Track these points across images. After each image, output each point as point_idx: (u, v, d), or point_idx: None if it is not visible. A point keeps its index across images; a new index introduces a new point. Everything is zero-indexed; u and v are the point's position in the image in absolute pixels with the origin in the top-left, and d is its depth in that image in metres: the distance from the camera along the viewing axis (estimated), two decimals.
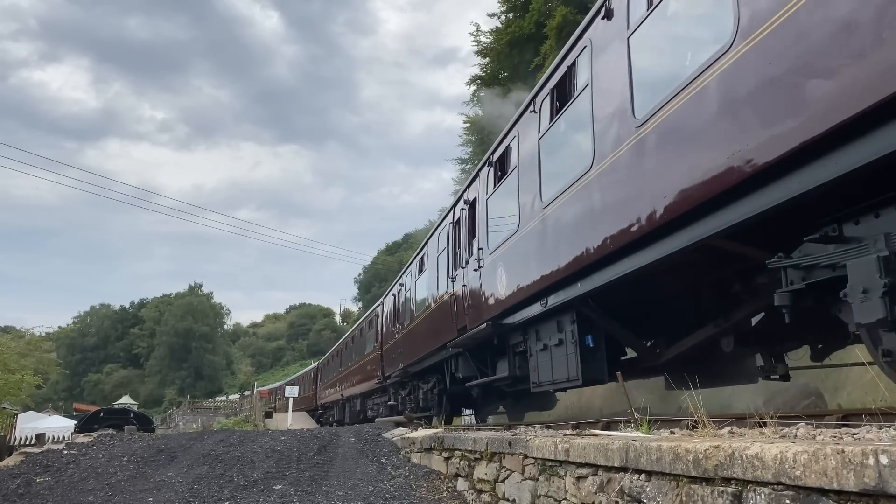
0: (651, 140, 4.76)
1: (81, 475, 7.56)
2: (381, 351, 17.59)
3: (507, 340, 8.56)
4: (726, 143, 3.90)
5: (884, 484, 1.96)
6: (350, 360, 24.14)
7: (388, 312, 17.33)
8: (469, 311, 9.56)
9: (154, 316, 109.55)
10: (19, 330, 65.22)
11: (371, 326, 20.27)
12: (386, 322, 17.52)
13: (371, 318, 20.68)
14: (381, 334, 18.08)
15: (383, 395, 18.83)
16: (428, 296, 12.54)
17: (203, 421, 37.48)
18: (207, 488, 6.77)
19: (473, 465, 6.10)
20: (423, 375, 13.70)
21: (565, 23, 21.45)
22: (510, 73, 28.57)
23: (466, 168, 34.10)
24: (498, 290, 8.27)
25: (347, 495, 6.39)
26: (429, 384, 13.34)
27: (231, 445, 8.82)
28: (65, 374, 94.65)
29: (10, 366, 30.15)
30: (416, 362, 13.40)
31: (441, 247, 11.64)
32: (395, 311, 16.20)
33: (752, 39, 3.73)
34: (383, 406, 18.82)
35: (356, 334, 23.88)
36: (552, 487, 4.41)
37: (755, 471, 2.45)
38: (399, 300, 15.84)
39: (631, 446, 3.37)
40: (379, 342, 18.09)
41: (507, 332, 8.46)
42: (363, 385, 20.90)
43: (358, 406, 22.92)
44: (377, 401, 20.01)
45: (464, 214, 10.27)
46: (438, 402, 12.79)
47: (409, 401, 15.23)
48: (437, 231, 12.39)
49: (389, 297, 17.55)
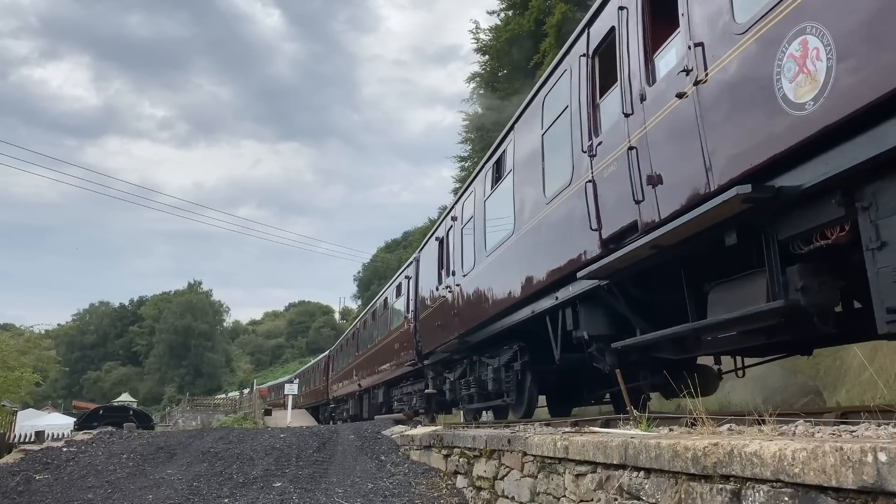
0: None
1: (81, 473, 7.56)
2: (416, 322, 13.62)
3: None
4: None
5: (882, 481, 1.96)
6: (370, 342, 20.15)
7: (430, 266, 12.92)
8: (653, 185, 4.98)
9: (153, 313, 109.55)
10: (19, 327, 65.22)
11: (399, 294, 15.92)
12: (425, 281, 13.24)
13: (399, 283, 16.36)
14: (414, 301, 14.02)
15: (416, 381, 14.94)
16: (524, 210, 7.67)
17: (202, 418, 37.48)
18: (207, 486, 6.77)
19: (472, 463, 6.11)
20: (493, 346, 9.38)
21: (564, 20, 21.43)
22: (510, 70, 28.56)
23: (466, 166, 34.08)
24: None
25: (347, 493, 6.40)
26: (504, 357, 8.86)
27: (230, 443, 8.83)
28: (64, 371, 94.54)
29: (9, 363, 30.17)
30: (488, 323, 8.93)
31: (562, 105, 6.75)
32: (444, 259, 11.67)
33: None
34: (417, 396, 14.75)
35: (377, 308, 19.64)
36: (551, 485, 4.42)
37: (754, 468, 2.46)
38: (452, 242, 11.23)
39: (630, 444, 3.37)
40: (412, 312, 14.08)
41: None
42: (388, 370, 17.08)
43: (381, 397, 18.94)
44: (407, 389, 15.97)
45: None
46: (517, 385, 8.55)
47: (461, 386, 10.88)
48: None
49: (430, 246, 13.06)
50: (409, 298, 14.42)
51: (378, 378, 18.54)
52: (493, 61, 30.34)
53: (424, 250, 13.77)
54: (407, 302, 14.72)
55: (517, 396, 8.63)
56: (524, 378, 8.44)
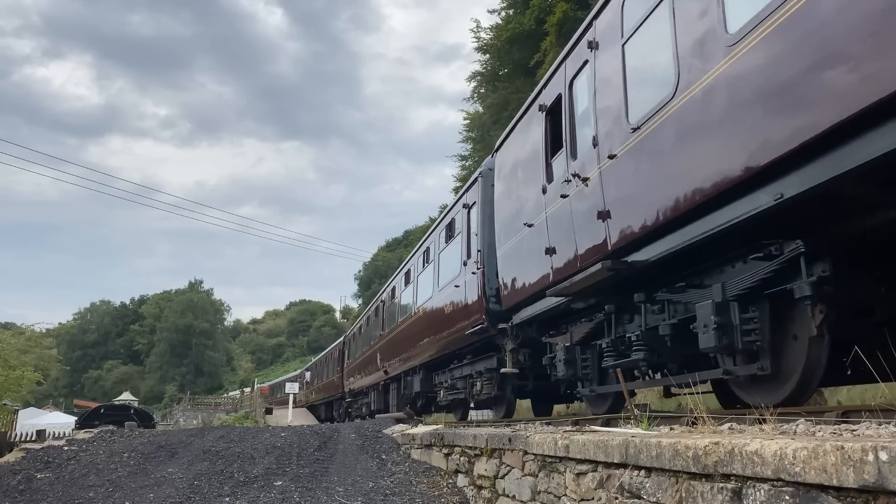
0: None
1: (82, 471, 7.57)
2: (484, 267, 9.59)
3: None
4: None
5: (883, 480, 1.96)
6: (402, 314, 15.49)
7: (521, 168, 8.30)
8: None
9: (154, 312, 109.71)
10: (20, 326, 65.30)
11: (452, 235, 11.47)
12: (509, 196, 8.71)
13: (450, 220, 11.72)
14: (484, 235, 9.73)
15: (477, 358, 10.60)
16: None
17: (203, 417, 37.51)
18: (208, 484, 6.78)
19: (473, 462, 6.11)
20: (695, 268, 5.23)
21: (565, 19, 21.40)
22: (510, 69, 28.55)
23: (467, 165, 34.07)
24: None
25: (347, 491, 6.40)
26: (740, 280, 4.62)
27: (231, 442, 8.83)
28: (65, 370, 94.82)
29: (10, 362, 30.19)
30: (694, 215, 4.77)
31: None
32: (558, 139, 7.23)
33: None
34: (483, 379, 10.12)
35: (411, 269, 14.99)
36: (552, 483, 4.42)
37: (755, 467, 2.46)
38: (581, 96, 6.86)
39: (631, 443, 3.37)
40: (480, 250, 9.76)
41: None
42: (429, 347, 12.59)
43: (416, 385, 14.17)
44: (462, 371, 11.28)
45: None
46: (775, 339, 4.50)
47: (600, 354, 6.72)
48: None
49: (523, 135, 8.40)
50: (472, 234, 10.27)
51: (413, 360, 14.09)
52: (493, 60, 30.33)
53: (507, 148, 9.02)
54: (466, 243, 10.51)
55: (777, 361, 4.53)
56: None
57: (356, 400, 23.60)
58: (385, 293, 18.73)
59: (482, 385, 10.24)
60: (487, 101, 30.51)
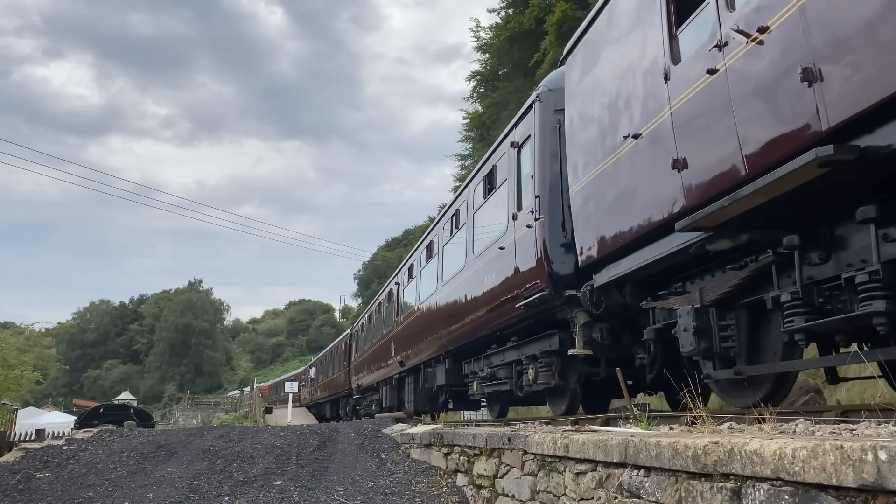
0: None
1: (81, 471, 7.57)
2: (546, 219, 7.44)
3: None
4: None
5: (882, 480, 1.97)
6: (425, 293, 13.20)
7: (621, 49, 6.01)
8: None
9: (153, 312, 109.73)
10: (19, 326, 65.33)
11: (493, 183, 9.44)
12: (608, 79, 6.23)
13: (494, 162, 9.37)
14: (555, 170, 7.51)
15: (533, 339, 8.28)
16: None
17: (203, 417, 37.49)
18: (207, 484, 6.78)
19: (473, 461, 6.11)
20: None
21: (565, 18, 21.41)
22: (510, 69, 28.55)
23: (466, 164, 34.08)
24: None
25: (347, 491, 6.40)
26: None
27: (231, 441, 8.83)
28: (64, 369, 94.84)
29: (9, 361, 30.19)
30: None
31: None
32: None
33: None
34: (540, 364, 7.88)
35: (437, 235, 12.63)
36: (552, 483, 4.42)
37: (754, 466, 2.46)
38: None
39: (630, 442, 3.37)
40: (539, 197, 7.57)
41: None
42: (465, 328, 10.20)
43: (440, 377, 12.05)
44: (510, 356, 8.98)
45: None
46: None
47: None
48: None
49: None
50: (524, 178, 8.19)
51: (437, 348, 11.86)
52: (493, 59, 30.34)
53: (587, 47, 6.80)
54: (517, 191, 8.34)
55: None
56: None
57: (364, 397, 21.45)
58: (400, 274, 16.17)
59: (536, 372, 7.99)
60: (487, 100, 30.52)
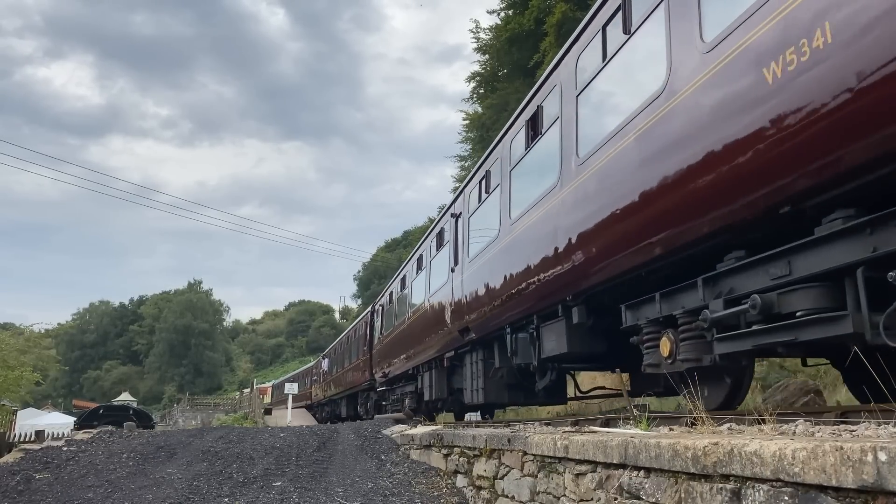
0: None
1: (81, 472, 7.57)
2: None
3: None
4: None
5: (882, 481, 1.96)
6: (522, 203, 7.50)
7: None
8: None
9: (153, 313, 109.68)
10: (19, 326, 65.30)
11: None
12: None
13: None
14: None
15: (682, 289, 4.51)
16: None
17: (202, 417, 37.49)
18: (207, 485, 6.78)
19: (472, 462, 6.11)
20: None
21: (564, 19, 21.41)
22: (510, 69, 28.56)
23: (466, 165, 34.07)
24: None
25: (347, 492, 6.40)
26: None
27: (230, 442, 8.83)
28: (64, 370, 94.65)
29: (9, 362, 30.19)
30: None
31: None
32: None
33: None
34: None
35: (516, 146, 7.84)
36: (551, 484, 4.42)
37: (754, 467, 2.46)
38: None
39: (630, 443, 3.37)
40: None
41: None
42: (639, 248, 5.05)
43: (558, 340, 6.70)
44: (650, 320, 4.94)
45: None
46: None
47: None
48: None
49: None
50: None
51: (559, 285, 6.50)
52: (493, 60, 30.34)
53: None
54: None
55: None
56: None
57: (392, 389, 16.54)
58: (459, 203, 10.69)
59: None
60: (487, 101, 30.52)
